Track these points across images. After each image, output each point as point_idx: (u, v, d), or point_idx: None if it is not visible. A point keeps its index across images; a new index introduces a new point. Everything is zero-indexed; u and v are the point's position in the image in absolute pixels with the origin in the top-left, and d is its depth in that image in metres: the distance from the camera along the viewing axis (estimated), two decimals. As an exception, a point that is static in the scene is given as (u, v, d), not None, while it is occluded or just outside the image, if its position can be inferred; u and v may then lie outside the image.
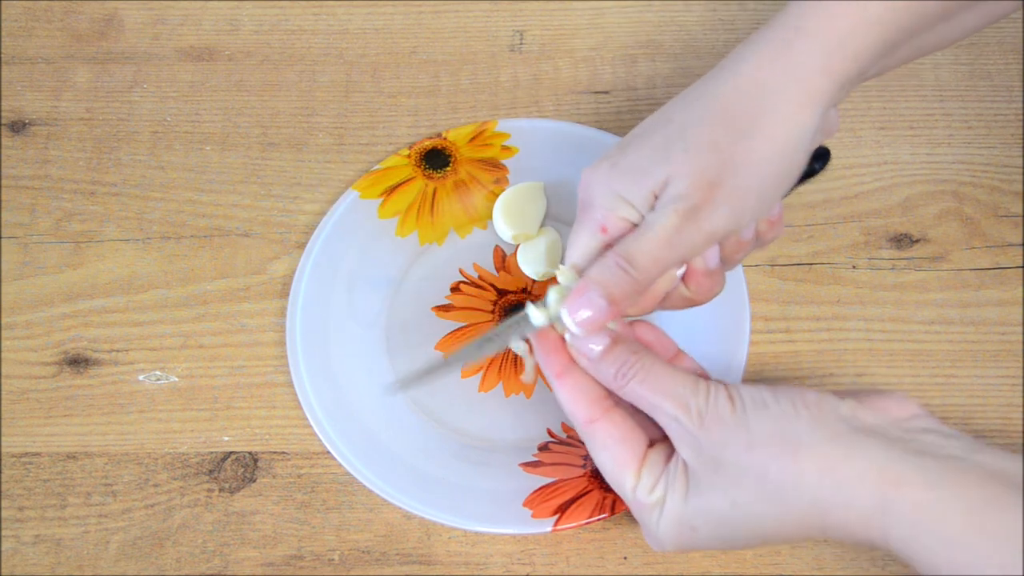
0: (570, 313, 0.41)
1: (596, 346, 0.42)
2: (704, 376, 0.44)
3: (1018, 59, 0.60)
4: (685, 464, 0.40)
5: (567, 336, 0.43)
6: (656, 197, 0.41)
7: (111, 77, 0.61)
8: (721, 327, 0.51)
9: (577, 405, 0.42)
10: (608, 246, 0.42)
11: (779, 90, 0.40)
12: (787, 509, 0.37)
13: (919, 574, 0.36)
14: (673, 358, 0.44)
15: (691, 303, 0.45)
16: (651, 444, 0.42)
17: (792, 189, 0.45)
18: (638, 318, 0.46)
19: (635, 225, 0.42)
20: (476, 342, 0.45)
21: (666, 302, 0.45)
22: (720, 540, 0.40)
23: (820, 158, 0.46)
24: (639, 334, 0.45)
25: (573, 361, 0.43)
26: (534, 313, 0.43)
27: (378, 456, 0.49)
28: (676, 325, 0.48)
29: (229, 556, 0.48)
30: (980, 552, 0.34)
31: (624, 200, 0.42)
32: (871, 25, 0.40)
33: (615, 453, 0.41)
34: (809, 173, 0.46)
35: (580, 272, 0.43)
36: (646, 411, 0.41)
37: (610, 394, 0.42)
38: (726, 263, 0.44)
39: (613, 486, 0.42)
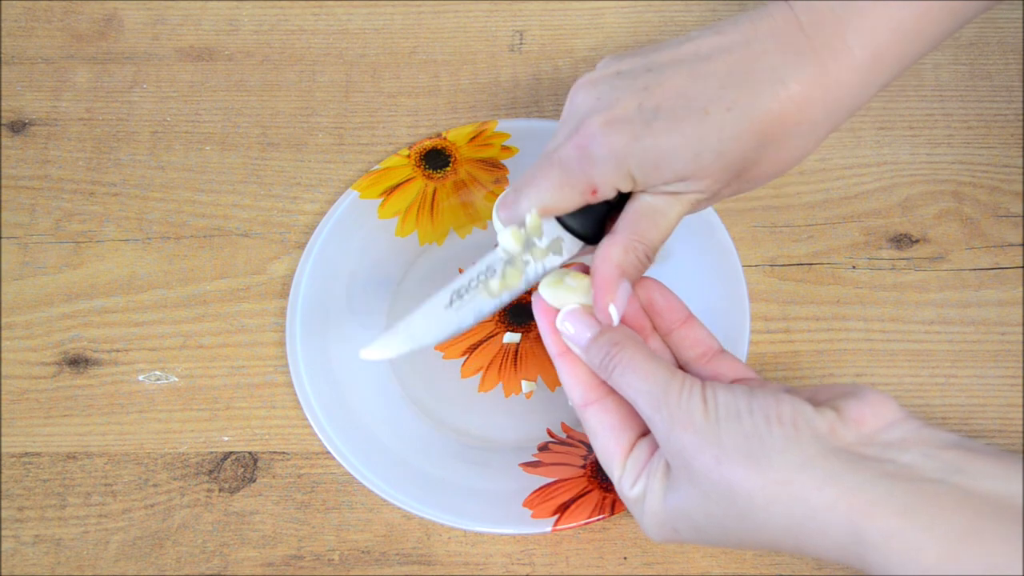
0: (617, 308, 0.41)
1: (586, 333, 0.42)
2: (714, 345, 0.44)
3: (1018, 59, 0.60)
4: (665, 466, 0.39)
5: (558, 323, 0.43)
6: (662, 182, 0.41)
7: (111, 77, 0.61)
8: (721, 327, 0.51)
9: (574, 386, 0.42)
10: (586, 204, 0.42)
11: (810, 119, 0.40)
12: (759, 530, 0.36)
13: None
14: (683, 323, 0.44)
15: None
16: (644, 433, 0.41)
17: None
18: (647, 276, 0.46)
19: (617, 191, 0.42)
20: (440, 303, 0.44)
21: None
22: (702, 541, 0.39)
23: None
24: (649, 295, 0.44)
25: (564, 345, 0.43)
26: (495, 287, 0.43)
27: (378, 456, 0.49)
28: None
29: (229, 556, 0.48)
30: None
31: (629, 175, 0.41)
32: (907, 38, 0.40)
33: (603, 440, 0.41)
34: None
35: (546, 215, 0.43)
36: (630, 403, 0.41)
37: None
38: None
39: (604, 467, 0.42)
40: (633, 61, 0.43)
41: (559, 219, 0.43)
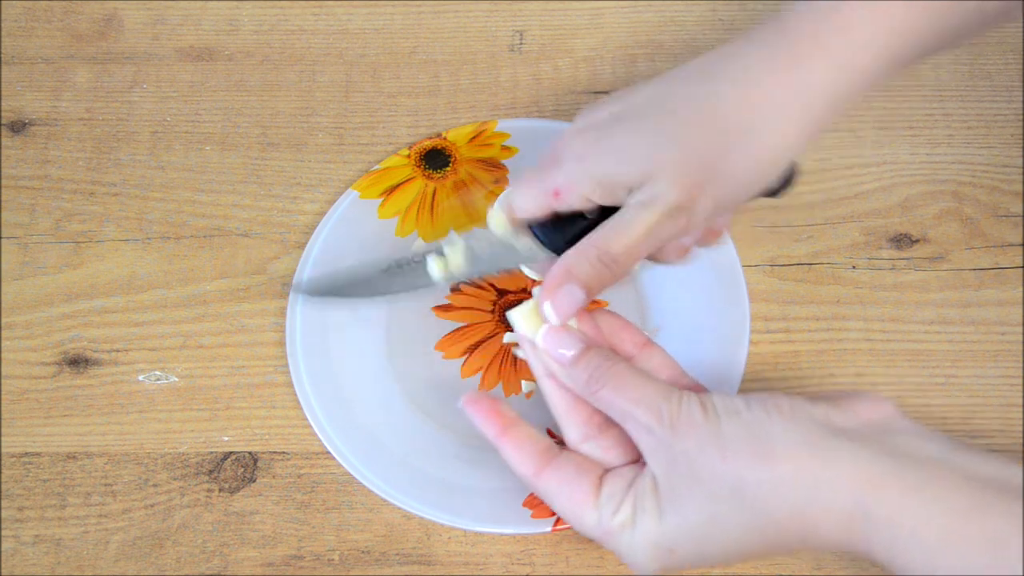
0: (552, 305, 0.41)
1: (568, 351, 0.41)
2: (677, 369, 0.43)
3: (1018, 59, 0.60)
4: (655, 481, 0.39)
5: (538, 342, 0.42)
6: (629, 189, 0.41)
7: (111, 77, 0.61)
8: (721, 327, 0.51)
9: (522, 461, 0.42)
10: (552, 210, 0.42)
11: (783, 108, 0.40)
12: (766, 519, 0.36)
13: None
14: (642, 348, 0.44)
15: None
16: (605, 472, 0.41)
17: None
18: (598, 308, 0.46)
19: (592, 202, 0.42)
20: (377, 267, 0.45)
21: None
22: (701, 558, 0.38)
23: (784, 180, 0.45)
24: (604, 324, 0.44)
25: (509, 421, 0.42)
26: (432, 267, 0.44)
27: (378, 456, 0.49)
28: (676, 325, 0.48)
29: (229, 556, 0.48)
30: (962, 558, 0.33)
31: (595, 180, 0.41)
32: (887, 39, 0.39)
33: (568, 494, 0.41)
34: (770, 194, 0.45)
35: (513, 220, 0.43)
36: (617, 420, 0.40)
37: (552, 444, 0.42)
38: (657, 259, 0.45)
39: (578, 528, 0.41)
40: (634, 87, 0.43)
41: (532, 230, 0.44)
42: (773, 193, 0.45)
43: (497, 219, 0.44)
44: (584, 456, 0.42)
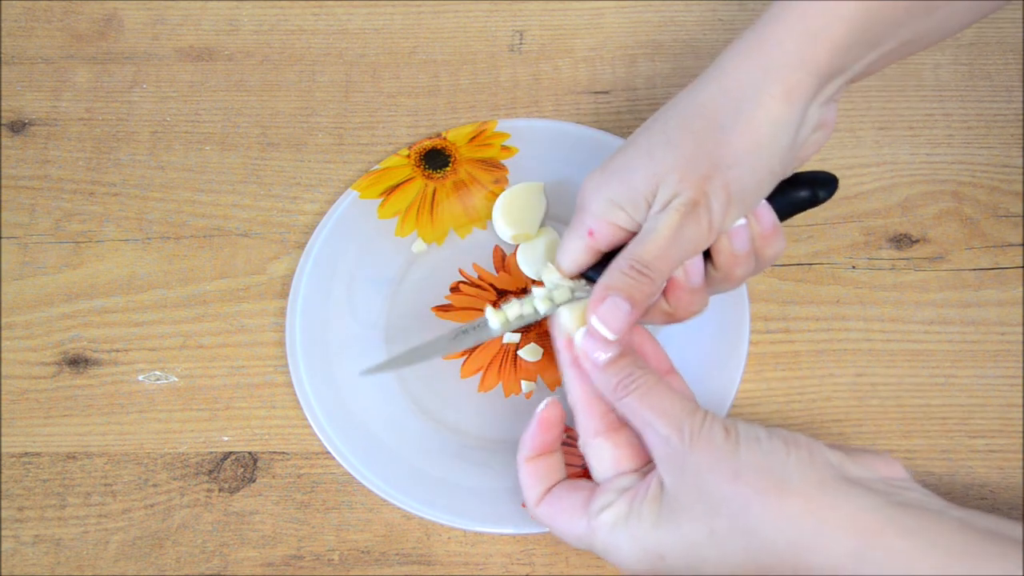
0: (599, 319, 0.42)
1: (604, 354, 0.42)
2: (693, 400, 0.44)
3: (1018, 59, 0.60)
4: (661, 488, 0.39)
5: (576, 340, 0.43)
6: (648, 202, 0.42)
7: (111, 77, 0.61)
8: (721, 327, 0.51)
9: (532, 486, 0.43)
10: (597, 251, 0.44)
11: (757, 85, 0.41)
12: (763, 546, 0.37)
13: None
14: (665, 374, 0.45)
15: (670, 319, 0.45)
16: (597, 486, 0.42)
17: (793, 214, 0.46)
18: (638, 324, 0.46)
19: (624, 229, 0.43)
20: (445, 337, 0.48)
21: (646, 316, 0.45)
22: (690, 570, 0.39)
23: (825, 186, 0.46)
24: (637, 343, 0.45)
25: (550, 450, 0.44)
26: (492, 318, 0.47)
27: (378, 456, 0.49)
28: (676, 324, 0.47)
29: (229, 556, 0.48)
30: None
31: (615, 204, 0.43)
32: (842, 19, 0.40)
33: (562, 509, 0.42)
34: (812, 202, 0.46)
35: (564, 274, 0.45)
36: (637, 427, 0.41)
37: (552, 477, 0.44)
38: (724, 281, 0.44)
39: (572, 541, 0.42)
40: None
41: (586, 276, 0.45)
42: (810, 205, 0.46)
43: (550, 276, 0.45)
44: (575, 482, 0.43)
